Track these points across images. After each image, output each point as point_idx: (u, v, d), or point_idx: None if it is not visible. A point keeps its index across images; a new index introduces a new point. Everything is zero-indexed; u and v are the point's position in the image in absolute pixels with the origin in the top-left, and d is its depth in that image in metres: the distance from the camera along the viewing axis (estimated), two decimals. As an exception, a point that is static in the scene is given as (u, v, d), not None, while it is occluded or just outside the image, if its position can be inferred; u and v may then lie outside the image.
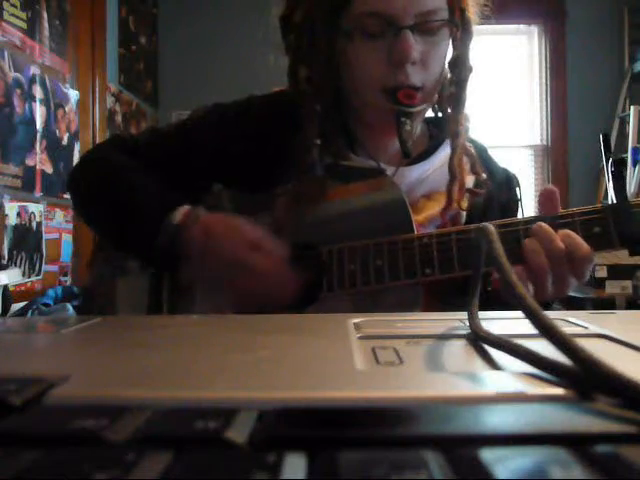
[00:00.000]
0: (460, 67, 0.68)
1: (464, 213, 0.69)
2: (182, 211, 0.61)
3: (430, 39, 0.63)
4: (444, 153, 0.71)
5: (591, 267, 0.57)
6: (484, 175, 0.70)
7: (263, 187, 0.68)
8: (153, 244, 0.60)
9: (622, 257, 1.91)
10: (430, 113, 0.75)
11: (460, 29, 0.66)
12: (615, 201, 0.59)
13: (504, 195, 0.74)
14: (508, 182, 0.76)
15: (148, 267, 0.68)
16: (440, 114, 0.74)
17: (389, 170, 0.71)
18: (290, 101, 0.71)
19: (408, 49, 0.61)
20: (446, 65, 0.68)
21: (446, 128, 0.71)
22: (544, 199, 0.60)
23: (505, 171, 0.77)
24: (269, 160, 0.68)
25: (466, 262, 0.59)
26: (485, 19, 0.70)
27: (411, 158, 0.64)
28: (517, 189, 0.75)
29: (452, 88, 0.69)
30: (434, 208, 0.68)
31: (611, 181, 0.60)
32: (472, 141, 0.76)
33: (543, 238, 0.56)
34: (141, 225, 0.63)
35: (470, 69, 0.68)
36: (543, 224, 0.57)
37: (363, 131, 0.72)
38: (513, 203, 0.74)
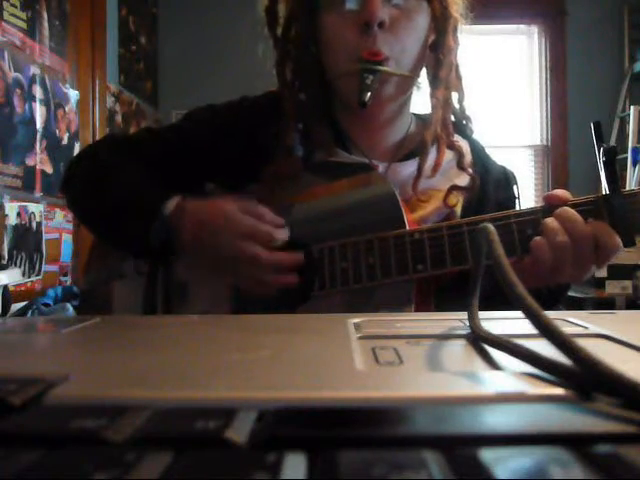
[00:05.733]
0: (440, 47, 0.68)
1: (458, 211, 0.69)
2: (173, 202, 0.61)
3: (401, 6, 0.64)
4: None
5: (615, 256, 0.57)
6: (471, 171, 0.70)
7: (254, 187, 0.68)
8: (146, 237, 0.61)
9: (622, 257, 1.91)
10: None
11: (437, 7, 0.66)
12: (608, 191, 0.58)
13: (501, 192, 0.74)
14: (505, 179, 0.76)
15: (143, 261, 0.68)
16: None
17: (381, 166, 0.70)
18: (280, 101, 0.71)
19: (373, 9, 0.62)
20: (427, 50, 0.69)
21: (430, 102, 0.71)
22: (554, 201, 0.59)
23: (502, 168, 0.77)
24: (259, 159, 0.69)
25: (458, 258, 0.59)
26: (472, 5, 0.70)
27: (366, 107, 0.62)
28: (514, 186, 0.75)
29: (433, 68, 0.69)
30: (429, 206, 0.68)
31: (603, 170, 0.59)
32: (471, 140, 0.75)
33: (567, 219, 0.56)
34: (133, 219, 0.63)
35: (450, 49, 0.69)
36: (567, 207, 0.57)
37: (354, 127, 0.72)
38: (510, 200, 0.74)
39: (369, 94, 0.61)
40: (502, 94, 2.94)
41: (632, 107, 2.64)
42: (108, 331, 0.35)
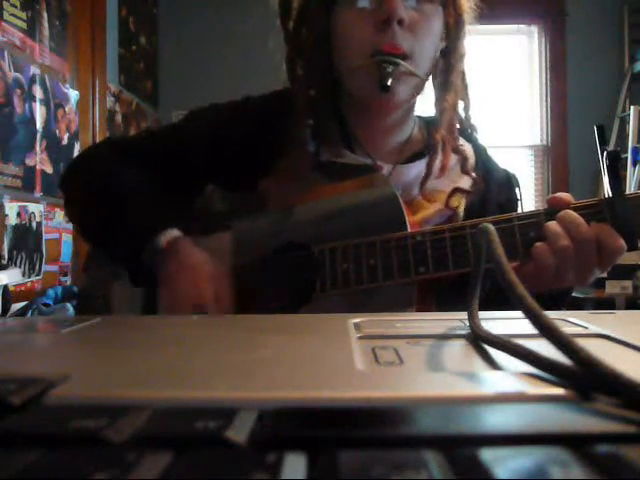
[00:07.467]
0: (452, 53, 0.69)
1: (460, 213, 0.69)
2: (168, 236, 0.62)
3: (418, 7, 0.65)
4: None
5: (618, 259, 0.57)
6: (474, 174, 0.70)
7: (256, 188, 0.68)
8: (135, 259, 0.62)
9: (622, 257, 1.90)
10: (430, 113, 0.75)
11: (452, 13, 0.67)
12: (610, 194, 0.58)
13: (503, 195, 0.74)
14: (508, 182, 0.76)
15: (128, 276, 0.68)
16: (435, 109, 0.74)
17: (386, 168, 0.70)
18: (285, 101, 0.71)
19: (394, 6, 0.62)
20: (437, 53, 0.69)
21: (435, 105, 0.71)
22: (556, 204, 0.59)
23: (505, 171, 0.77)
24: (263, 161, 0.68)
25: (460, 260, 0.58)
26: (481, 12, 0.70)
27: (388, 91, 0.62)
28: (517, 189, 0.75)
29: (443, 74, 0.70)
30: (432, 208, 0.68)
31: (606, 174, 0.59)
32: (473, 141, 0.75)
33: (569, 221, 0.56)
34: (127, 238, 0.64)
35: (461, 56, 0.69)
36: (569, 210, 0.57)
37: (361, 128, 0.72)
38: (512, 203, 0.74)
39: (390, 79, 0.62)
40: (502, 94, 2.94)
41: (632, 107, 2.64)
42: (108, 331, 0.35)
